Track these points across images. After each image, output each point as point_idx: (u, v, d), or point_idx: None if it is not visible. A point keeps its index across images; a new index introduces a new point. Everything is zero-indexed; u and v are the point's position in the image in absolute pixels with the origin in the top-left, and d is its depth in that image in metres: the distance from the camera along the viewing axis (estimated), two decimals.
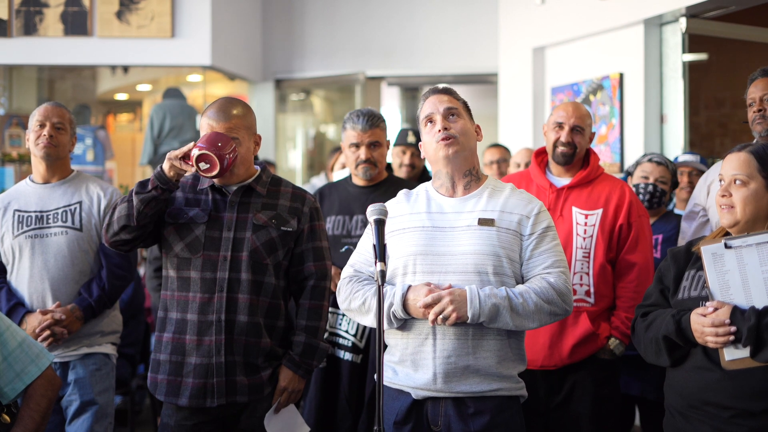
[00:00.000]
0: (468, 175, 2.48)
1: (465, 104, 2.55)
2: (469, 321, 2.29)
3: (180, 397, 2.72)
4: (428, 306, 2.30)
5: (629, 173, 3.98)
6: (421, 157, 3.86)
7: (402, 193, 2.59)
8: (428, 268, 2.38)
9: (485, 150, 5.49)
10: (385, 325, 2.39)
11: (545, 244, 2.41)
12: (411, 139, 4.12)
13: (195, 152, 2.58)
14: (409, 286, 2.36)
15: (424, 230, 2.42)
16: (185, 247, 2.74)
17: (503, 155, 5.36)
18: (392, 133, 4.00)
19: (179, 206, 2.79)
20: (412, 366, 2.40)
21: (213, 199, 2.78)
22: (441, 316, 2.29)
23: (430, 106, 2.49)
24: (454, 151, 2.43)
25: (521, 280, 2.42)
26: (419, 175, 4.17)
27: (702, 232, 3.43)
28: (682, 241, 3.48)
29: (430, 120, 2.48)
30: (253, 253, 2.72)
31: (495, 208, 2.42)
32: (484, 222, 2.39)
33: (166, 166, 2.65)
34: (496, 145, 5.58)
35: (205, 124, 2.72)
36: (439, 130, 2.44)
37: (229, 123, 2.69)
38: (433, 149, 2.47)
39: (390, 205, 2.51)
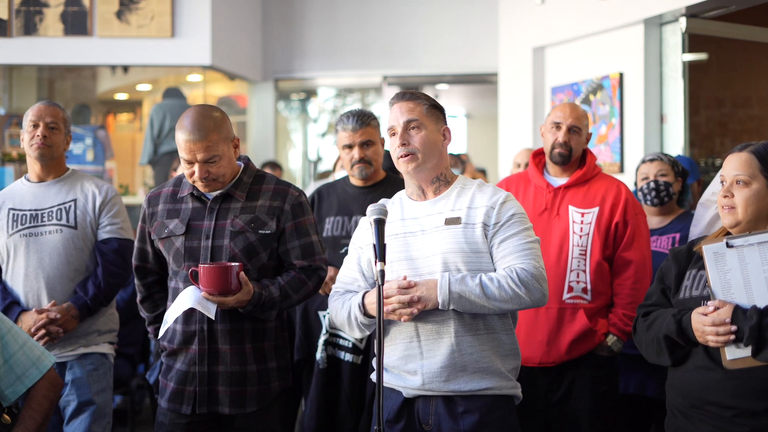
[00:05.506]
0: (436, 181, 2.49)
1: (433, 106, 2.48)
2: (440, 307, 2.32)
3: (162, 398, 2.76)
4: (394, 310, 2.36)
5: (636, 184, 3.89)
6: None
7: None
8: (407, 273, 2.41)
9: (520, 151, 5.23)
10: (357, 333, 2.50)
11: (513, 228, 2.39)
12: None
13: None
14: (366, 293, 2.46)
15: (397, 237, 2.46)
16: (172, 260, 2.77)
17: None
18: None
19: (161, 220, 2.79)
20: (401, 368, 2.43)
21: (192, 207, 2.77)
22: (407, 311, 2.33)
23: (393, 117, 2.47)
24: (413, 167, 2.44)
25: (494, 269, 2.41)
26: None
27: (719, 220, 3.37)
28: (695, 228, 3.44)
29: (393, 133, 2.46)
30: (232, 261, 2.68)
31: (462, 206, 2.43)
32: (450, 221, 2.41)
33: None
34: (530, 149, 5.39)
35: (181, 141, 2.64)
36: (398, 146, 2.43)
37: (206, 141, 2.63)
38: (396, 163, 2.48)
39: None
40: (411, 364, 2.40)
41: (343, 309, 2.49)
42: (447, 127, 2.51)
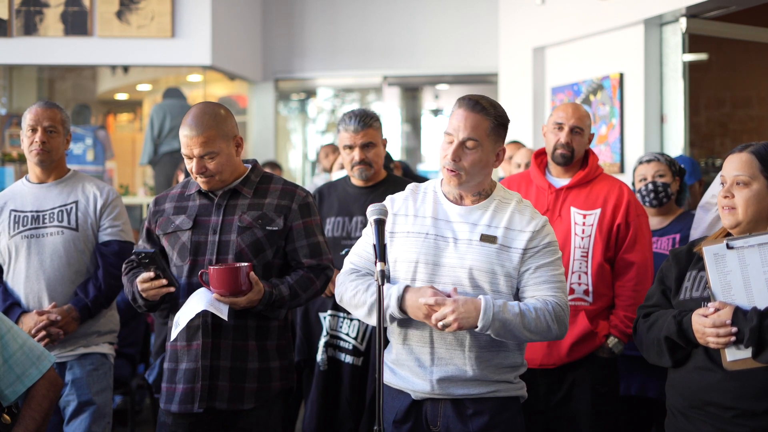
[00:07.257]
0: (476, 194, 2.45)
1: (499, 124, 2.38)
2: (477, 331, 2.27)
3: (172, 403, 2.73)
4: (430, 307, 2.28)
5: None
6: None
7: (410, 189, 2.54)
8: (428, 278, 2.38)
9: (518, 151, 5.20)
10: (373, 320, 2.39)
11: (549, 257, 2.38)
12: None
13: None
14: (407, 287, 2.35)
15: (428, 238, 2.40)
16: (177, 254, 2.76)
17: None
18: (388, 134, 3.82)
19: (167, 216, 2.80)
20: (410, 370, 2.41)
21: (200, 204, 2.78)
22: (441, 323, 2.26)
23: (455, 123, 2.37)
24: (456, 184, 2.40)
25: (517, 295, 2.40)
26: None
27: (719, 222, 3.38)
28: (695, 231, 3.44)
29: (450, 141, 2.38)
30: (239, 256, 2.69)
31: (499, 225, 2.39)
32: (486, 239, 2.37)
33: None
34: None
35: (181, 135, 2.69)
36: (449, 159, 2.36)
37: (203, 137, 2.65)
38: (441, 169, 2.42)
39: (396, 199, 2.50)
40: (420, 368, 2.39)
41: (367, 293, 2.39)
42: (503, 148, 2.44)
